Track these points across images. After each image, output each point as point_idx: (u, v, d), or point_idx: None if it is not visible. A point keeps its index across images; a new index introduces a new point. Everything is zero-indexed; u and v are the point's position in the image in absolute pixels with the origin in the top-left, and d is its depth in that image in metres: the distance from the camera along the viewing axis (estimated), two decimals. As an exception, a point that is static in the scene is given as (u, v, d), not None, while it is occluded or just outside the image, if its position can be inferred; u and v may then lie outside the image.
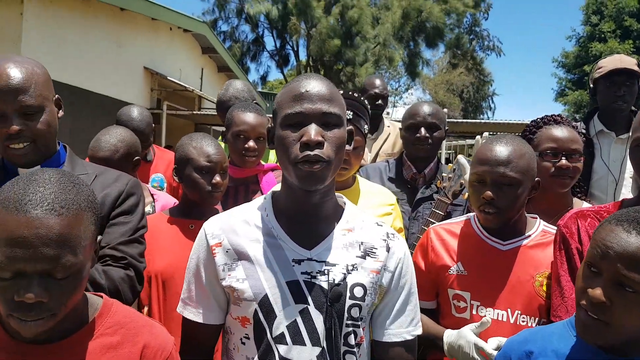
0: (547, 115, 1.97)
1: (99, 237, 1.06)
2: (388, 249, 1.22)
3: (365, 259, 1.18)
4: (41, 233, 0.90)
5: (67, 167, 1.46)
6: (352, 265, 1.16)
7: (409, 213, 2.30)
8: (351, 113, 1.81)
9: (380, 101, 3.32)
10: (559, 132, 1.85)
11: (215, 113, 2.82)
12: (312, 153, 1.07)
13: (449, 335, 1.52)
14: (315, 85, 1.13)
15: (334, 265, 1.14)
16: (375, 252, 1.20)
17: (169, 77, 10.41)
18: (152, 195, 2.35)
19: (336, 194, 1.25)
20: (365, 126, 1.91)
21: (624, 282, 0.98)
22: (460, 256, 1.63)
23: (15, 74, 1.32)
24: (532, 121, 1.99)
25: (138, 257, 1.47)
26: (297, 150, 1.09)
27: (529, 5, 79.48)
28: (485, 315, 1.53)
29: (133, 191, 1.52)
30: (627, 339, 1.03)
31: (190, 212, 1.87)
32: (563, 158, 1.82)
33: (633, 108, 2.70)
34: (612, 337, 1.02)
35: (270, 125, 1.21)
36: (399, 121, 2.89)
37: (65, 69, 7.59)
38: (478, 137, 2.24)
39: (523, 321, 1.54)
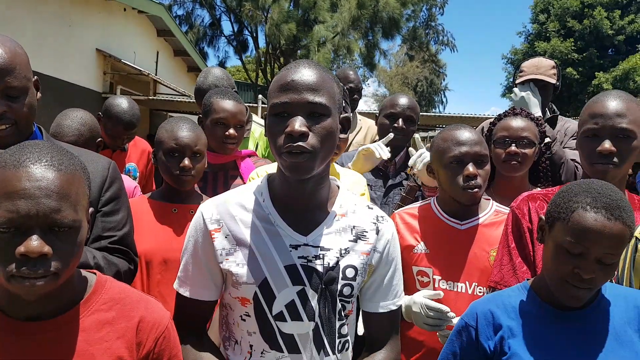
0: (508, 109, 2.15)
1: (91, 209, 1.06)
2: (377, 232, 1.30)
3: (357, 242, 1.26)
4: (42, 185, 0.91)
5: None
6: (345, 249, 1.24)
7: (381, 199, 2.40)
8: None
9: (355, 95, 3.30)
10: (513, 122, 2.03)
11: (172, 99, 2.86)
12: (294, 144, 1.10)
13: (405, 300, 1.66)
14: (303, 73, 1.13)
15: (328, 250, 1.22)
16: (366, 235, 1.28)
17: (122, 60, 10.08)
18: None
19: (330, 177, 1.30)
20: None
21: (606, 259, 1.17)
22: (423, 236, 1.78)
23: (0, 54, 1.30)
24: (497, 115, 2.16)
25: (135, 250, 1.53)
26: (281, 140, 1.11)
27: (481, 1, 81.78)
28: (445, 288, 1.69)
29: (115, 175, 1.53)
30: None
31: (172, 197, 1.88)
32: (513, 145, 1.98)
33: (554, 107, 2.84)
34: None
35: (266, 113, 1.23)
36: (364, 113, 2.93)
37: (14, 48, 7.22)
38: (416, 135, 2.39)
39: (480, 292, 1.69)
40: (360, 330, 1.45)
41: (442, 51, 30.80)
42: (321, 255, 1.21)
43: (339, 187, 1.32)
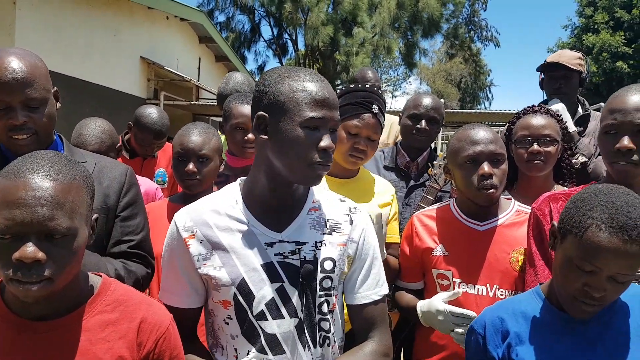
0: (527, 106, 2.06)
1: (95, 215, 1.10)
2: (351, 222, 1.33)
3: (332, 234, 1.29)
4: (37, 194, 0.96)
5: (66, 154, 1.52)
6: (321, 242, 1.26)
7: (402, 199, 2.37)
8: (377, 107, 1.87)
9: None
10: (533, 119, 1.95)
11: (214, 104, 2.91)
12: (329, 159, 1.19)
13: (422, 306, 1.65)
14: (331, 91, 1.21)
15: (304, 244, 1.24)
16: (340, 227, 1.31)
17: (165, 67, 10.40)
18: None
19: None
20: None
21: (619, 278, 1.11)
22: (442, 239, 1.75)
23: (21, 67, 1.37)
24: (515, 113, 2.09)
25: (152, 253, 1.59)
26: (314, 153, 1.17)
27: (527, -6, 79.28)
28: (465, 291, 1.66)
29: (133, 180, 1.59)
30: None
31: (188, 199, 1.90)
32: (535, 144, 1.90)
33: (586, 103, 2.74)
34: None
35: (263, 115, 1.19)
36: (393, 112, 2.91)
37: (61, 59, 7.59)
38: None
39: (501, 294, 1.64)
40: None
41: (487, 47, 30.08)
42: (297, 250, 1.23)
43: None
